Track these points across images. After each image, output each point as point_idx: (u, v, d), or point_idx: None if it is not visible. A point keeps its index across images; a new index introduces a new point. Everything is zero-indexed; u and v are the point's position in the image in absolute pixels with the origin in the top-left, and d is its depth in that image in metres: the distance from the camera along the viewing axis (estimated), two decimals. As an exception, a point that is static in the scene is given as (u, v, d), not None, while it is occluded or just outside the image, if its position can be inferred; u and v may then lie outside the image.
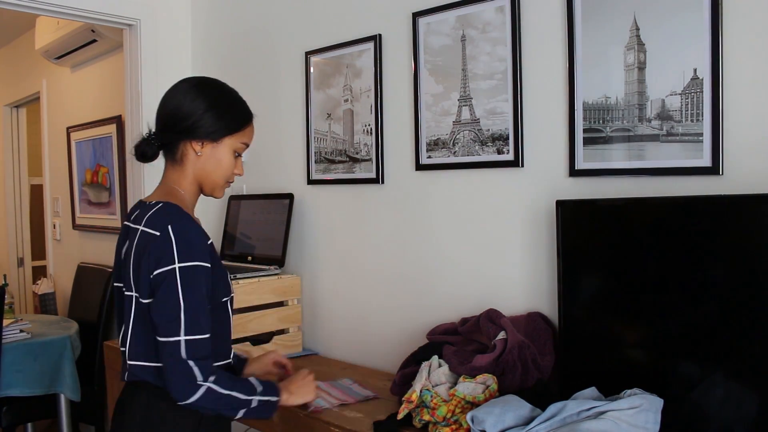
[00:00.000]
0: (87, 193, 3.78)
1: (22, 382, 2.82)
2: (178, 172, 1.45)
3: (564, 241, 1.61)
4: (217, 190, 1.49)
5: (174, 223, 1.33)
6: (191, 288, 1.30)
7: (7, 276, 4.58)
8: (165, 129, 1.44)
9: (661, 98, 1.55)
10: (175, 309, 1.29)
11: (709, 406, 1.37)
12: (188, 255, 1.31)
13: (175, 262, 1.29)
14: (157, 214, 1.36)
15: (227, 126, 1.43)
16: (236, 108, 1.48)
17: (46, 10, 2.65)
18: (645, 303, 1.48)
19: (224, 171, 1.46)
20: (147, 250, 1.32)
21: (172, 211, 1.37)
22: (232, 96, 1.49)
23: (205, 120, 1.41)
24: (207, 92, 1.44)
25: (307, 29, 2.46)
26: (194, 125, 1.40)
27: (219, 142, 1.43)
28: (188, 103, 1.42)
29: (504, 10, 1.83)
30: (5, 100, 4.87)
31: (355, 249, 2.32)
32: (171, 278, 1.29)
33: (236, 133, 1.45)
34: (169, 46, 2.95)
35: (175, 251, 1.30)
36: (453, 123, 1.98)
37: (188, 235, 1.33)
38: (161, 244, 1.31)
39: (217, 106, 1.43)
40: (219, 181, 1.47)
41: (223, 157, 1.45)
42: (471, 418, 1.39)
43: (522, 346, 1.59)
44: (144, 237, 1.35)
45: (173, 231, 1.31)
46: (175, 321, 1.28)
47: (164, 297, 1.29)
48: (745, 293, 1.34)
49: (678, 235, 1.44)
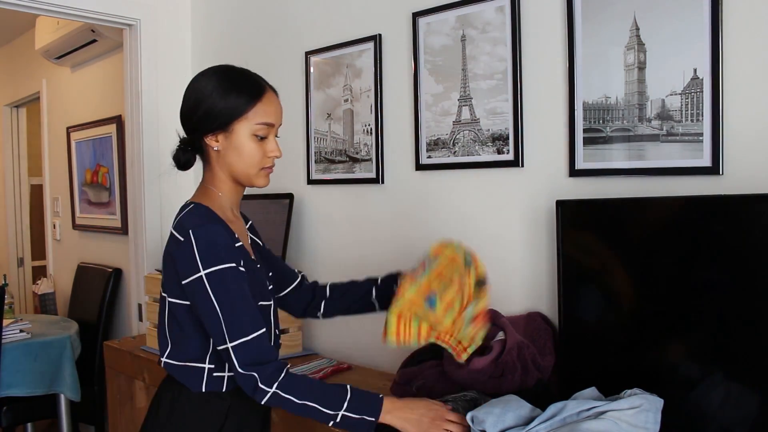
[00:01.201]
0: (87, 193, 3.78)
1: (22, 382, 2.82)
2: (209, 171, 1.38)
3: (564, 241, 1.61)
4: (253, 179, 1.36)
5: (196, 227, 1.26)
6: (223, 291, 1.24)
7: (7, 276, 4.57)
8: (184, 129, 1.37)
9: (661, 98, 1.55)
10: (214, 317, 1.24)
11: (709, 406, 1.37)
12: (212, 260, 1.24)
13: (200, 270, 1.23)
14: (184, 217, 1.31)
15: (233, 110, 1.30)
16: (239, 85, 1.33)
17: (46, 10, 2.65)
18: (645, 303, 1.48)
19: (249, 159, 1.33)
20: (173, 255, 1.29)
21: (197, 214, 1.30)
22: (235, 75, 1.35)
23: (209, 108, 1.30)
24: (209, 77, 1.33)
25: (307, 29, 2.46)
26: (202, 119, 1.31)
27: (229, 130, 1.31)
28: (187, 101, 1.34)
29: (504, 10, 1.84)
30: (5, 100, 4.87)
31: (355, 249, 2.32)
32: (200, 286, 1.24)
33: (243, 115, 1.31)
34: (169, 46, 2.95)
35: (197, 258, 1.24)
36: (453, 123, 1.98)
37: (210, 238, 1.25)
38: (184, 250, 1.25)
39: (219, 88, 1.31)
40: (249, 170, 1.34)
41: (242, 145, 1.32)
42: (471, 418, 1.39)
43: (521, 347, 1.59)
44: (171, 240, 1.30)
45: (194, 236, 1.25)
46: (218, 329, 1.24)
47: (202, 306, 1.25)
48: (745, 293, 1.34)
49: (678, 235, 1.44)
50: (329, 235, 2.41)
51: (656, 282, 1.47)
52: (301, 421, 1.72)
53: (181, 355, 1.35)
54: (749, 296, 1.33)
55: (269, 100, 1.36)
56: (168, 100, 2.90)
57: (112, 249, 3.54)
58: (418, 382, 1.69)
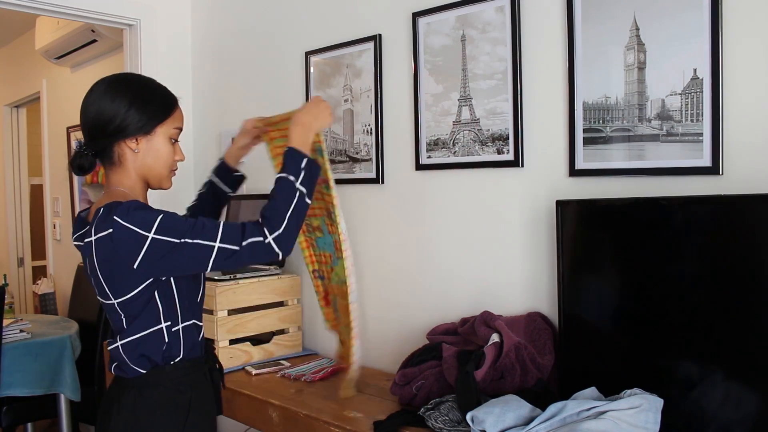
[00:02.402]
0: (87, 193, 3.78)
1: (22, 382, 2.82)
2: (119, 173, 1.43)
3: (564, 241, 1.61)
4: (163, 181, 1.47)
5: (117, 212, 1.30)
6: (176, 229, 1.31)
7: (7, 276, 4.57)
8: (94, 136, 1.40)
9: (661, 98, 1.55)
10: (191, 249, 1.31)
11: (709, 406, 1.37)
12: (148, 219, 1.30)
13: (147, 236, 1.28)
14: (101, 218, 1.33)
15: (155, 115, 1.41)
16: (158, 95, 1.46)
17: (46, 10, 2.65)
18: (645, 303, 1.48)
19: (165, 160, 1.45)
20: (111, 249, 1.31)
21: (113, 206, 1.33)
22: (151, 85, 1.47)
23: (131, 116, 1.38)
24: (123, 89, 1.41)
25: (307, 29, 2.46)
26: (122, 124, 1.38)
27: (152, 133, 1.42)
28: (108, 105, 1.39)
29: (504, 10, 1.84)
30: (5, 100, 4.87)
31: (354, 249, 2.31)
32: (160, 244, 1.29)
33: (166, 119, 1.44)
34: (169, 46, 2.95)
35: (137, 230, 1.28)
36: (453, 123, 1.98)
37: (133, 210, 1.30)
38: (121, 235, 1.29)
39: (138, 99, 1.40)
40: (163, 171, 1.46)
41: (161, 147, 1.43)
42: (471, 418, 1.39)
43: (519, 347, 1.59)
44: (100, 244, 1.32)
45: (121, 218, 1.29)
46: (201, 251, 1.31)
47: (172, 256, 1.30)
48: (745, 293, 1.34)
49: (678, 235, 1.44)
50: (329, 235, 2.40)
51: (656, 282, 1.47)
52: (301, 421, 1.73)
53: (135, 330, 1.38)
54: (749, 296, 1.33)
55: (180, 108, 1.50)
56: (168, 100, 2.90)
57: (112, 249, 3.53)
58: (417, 382, 1.69)
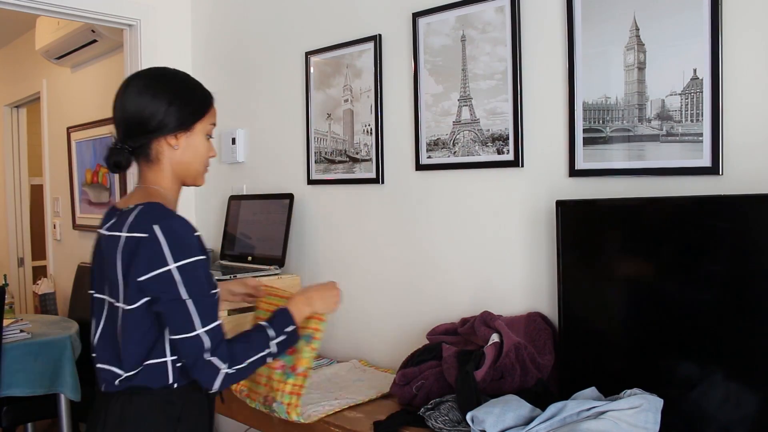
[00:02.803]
0: (87, 193, 3.78)
1: (22, 382, 2.82)
2: (156, 171, 1.42)
3: (564, 241, 1.61)
4: (199, 177, 1.48)
5: (160, 221, 1.28)
6: (194, 282, 1.28)
7: (7, 276, 4.57)
8: (133, 133, 1.39)
9: (661, 98, 1.55)
10: (182, 307, 1.26)
11: (709, 406, 1.37)
12: (182, 252, 1.27)
13: (168, 263, 1.26)
14: (140, 217, 1.31)
15: (196, 112, 1.43)
16: (198, 92, 1.47)
17: (46, 10, 2.65)
18: (645, 303, 1.48)
19: (203, 157, 1.46)
20: (136, 253, 1.28)
21: (156, 210, 1.32)
22: (189, 81, 1.48)
23: (172, 113, 1.38)
24: (163, 85, 1.41)
25: (307, 29, 2.46)
26: (163, 122, 1.38)
27: (192, 129, 1.42)
28: (149, 102, 1.38)
29: (504, 10, 1.84)
30: (5, 100, 4.87)
31: (355, 249, 2.32)
32: (168, 279, 1.26)
33: (205, 115, 1.45)
34: (169, 46, 2.95)
35: (166, 252, 1.26)
36: (453, 123, 1.98)
37: (177, 232, 1.29)
38: (150, 246, 1.27)
39: (179, 96, 1.41)
40: (200, 168, 1.47)
41: (199, 143, 1.44)
42: (471, 418, 1.39)
43: (518, 348, 1.59)
44: (130, 243, 1.30)
45: (161, 230, 1.27)
46: (186, 317, 1.26)
47: (168, 298, 1.27)
48: (745, 293, 1.34)
49: (678, 235, 1.44)
50: (329, 235, 2.41)
51: (656, 282, 1.47)
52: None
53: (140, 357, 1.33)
54: (749, 296, 1.34)
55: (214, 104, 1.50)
56: (168, 100, 2.90)
57: (112, 249, 3.53)
58: (417, 382, 1.69)
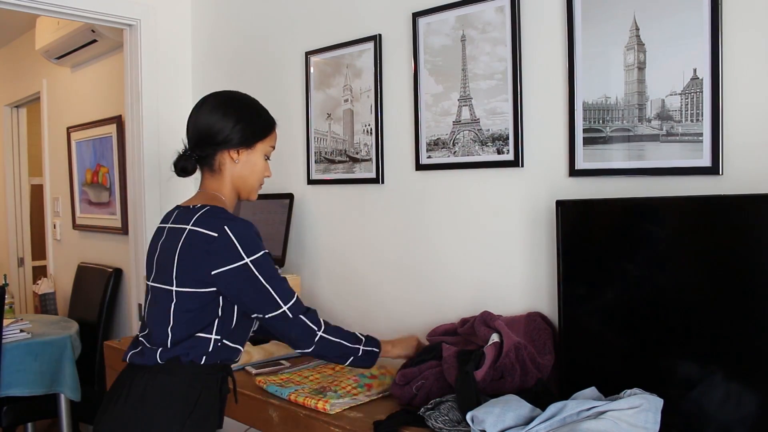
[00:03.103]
0: (87, 193, 3.78)
1: (23, 382, 2.82)
2: (218, 180, 1.60)
3: (564, 241, 1.61)
4: (253, 193, 1.65)
5: (230, 223, 1.47)
6: (269, 271, 1.48)
7: (7, 276, 4.58)
8: (201, 144, 1.57)
9: (661, 98, 1.55)
10: (266, 293, 1.48)
11: (709, 406, 1.38)
12: (254, 248, 1.47)
13: (243, 258, 1.45)
14: (207, 216, 1.49)
15: (258, 133, 1.60)
16: (262, 116, 1.64)
17: (46, 10, 2.65)
18: (645, 303, 1.48)
19: (259, 174, 1.63)
20: (204, 249, 1.45)
21: (224, 214, 1.51)
22: (256, 105, 1.66)
23: (237, 131, 1.56)
24: (233, 107, 1.59)
25: (307, 29, 2.46)
26: (228, 137, 1.56)
27: (253, 148, 1.59)
28: (219, 120, 1.56)
29: (504, 10, 1.84)
30: (5, 100, 4.87)
31: (355, 249, 2.32)
32: (246, 272, 1.45)
33: (266, 138, 1.62)
34: (169, 46, 2.95)
35: (240, 249, 1.45)
36: (453, 123, 1.98)
37: (246, 230, 1.47)
38: (222, 243, 1.45)
39: (246, 117, 1.59)
40: (255, 184, 1.64)
41: (257, 161, 1.61)
42: (471, 418, 1.39)
43: (518, 348, 1.59)
44: (195, 236, 1.47)
45: (232, 231, 1.45)
46: (271, 301, 1.48)
47: (252, 287, 1.47)
48: (745, 293, 1.34)
49: (678, 235, 1.44)
50: (329, 235, 2.41)
51: (656, 282, 1.47)
52: (301, 421, 1.73)
53: (187, 331, 1.48)
54: (749, 296, 1.34)
55: (276, 130, 1.67)
56: (168, 100, 2.91)
57: (112, 249, 3.54)
58: (417, 382, 1.69)
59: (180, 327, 1.49)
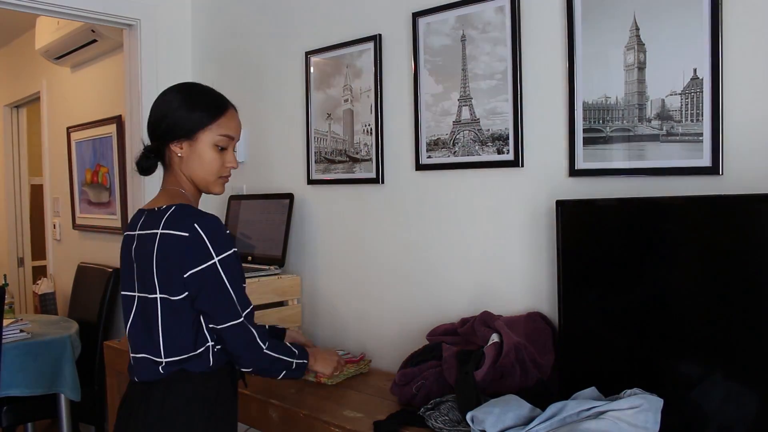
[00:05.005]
0: (87, 193, 3.78)
1: (22, 382, 2.82)
2: (172, 175, 1.51)
3: (564, 241, 1.61)
4: (210, 186, 1.52)
5: (199, 220, 1.39)
6: (232, 273, 1.40)
7: (7, 276, 4.57)
8: (151, 137, 1.50)
9: (661, 98, 1.55)
10: (228, 298, 1.39)
11: (708, 406, 1.38)
12: (222, 246, 1.39)
13: (213, 257, 1.37)
14: (176, 216, 1.41)
15: (198, 121, 1.46)
16: (205, 101, 1.49)
17: (46, 10, 2.65)
18: (645, 303, 1.48)
19: (209, 167, 1.48)
20: (179, 250, 1.38)
21: (191, 211, 1.43)
22: (202, 90, 1.52)
23: (176, 119, 1.45)
24: (175, 93, 1.49)
25: (307, 29, 2.46)
26: (168, 127, 1.45)
27: (194, 138, 1.46)
28: (154, 112, 1.48)
29: (504, 10, 1.84)
30: (5, 100, 4.87)
31: (355, 249, 2.32)
32: (214, 272, 1.37)
33: (209, 126, 1.47)
34: (169, 46, 2.95)
35: (210, 247, 1.37)
36: (453, 123, 1.98)
37: (214, 228, 1.40)
38: (192, 243, 1.37)
39: (185, 102, 1.46)
40: (208, 177, 1.50)
41: (204, 153, 1.47)
42: (471, 418, 1.39)
43: (518, 348, 1.58)
44: (169, 239, 1.39)
45: (201, 228, 1.37)
46: (231, 307, 1.40)
47: (214, 290, 1.38)
48: (745, 293, 1.34)
49: (678, 235, 1.44)
50: (329, 235, 2.41)
51: (656, 282, 1.47)
52: (301, 421, 1.73)
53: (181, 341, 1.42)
54: (749, 296, 1.33)
55: (231, 116, 1.52)
56: (168, 100, 2.90)
57: (112, 249, 3.53)
58: (417, 382, 1.69)
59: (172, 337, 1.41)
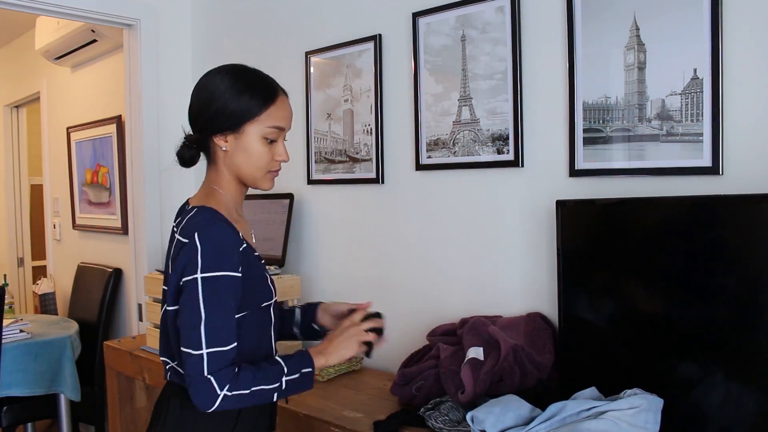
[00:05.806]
0: (87, 193, 3.78)
1: (22, 382, 2.82)
2: (214, 171, 1.36)
3: (564, 241, 1.61)
4: (258, 182, 1.36)
5: (201, 230, 1.23)
6: (213, 299, 1.21)
7: (7, 276, 4.57)
8: (192, 128, 1.35)
9: (661, 98, 1.55)
10: (196, 320, 1.20)
11: (708, 406, 1.38)
12: (213, 265, 1.21)
13: (197, 272, 1.21)
14: (189, 221, 1.28)
15: (245, 112, 1.29)
16: (253, 89, 1.31)
17: (46, 10, 2.65)
18: (645, 303, 1.48)
19: (257, 161, 1.33)
20: (177, 257, 1.26)
21: (203, 217, 1.27)
22: (249, 76, 1.33)
23: (222, 107, 1.29)
24: (220, 79, 1.31)
25: (307, 29, 2.46)
26: (212, 118, 1.30)
27: (240, 131, 1.30)
28: (196, 101, 1.33)
29: (504, 10, 1.84)
30: (5, 100, 4.87)
31: (355, 249, 2.32)
32: (193, 288, 1.21)
33: (257, 117, 1.30)
34: (169, 46, 2.95)
35: (199, 260, 1.21)
36: (453, 123, 1.98)
37: (216, 243, 1.23)
38: (188, 252, 1.23)
39: (231, 92, 1.29)
40: (256, 173, 1.34)
41: (251, 147, 1.31)
42: (471, 418, 1.39)
43: (516, 350, 1.58)
44: (177, 244, 1.28)
45: (199, 238, 1.22)
46: (195, 332, 1.20)
47: (185, 307, 1.22)
48: (745, 293, 1.34)
49: (678, 235, 1.44)
50: (329, 235, 2.41)
51: (656, 282, 1.47)
52: (301, 421, 1.73)
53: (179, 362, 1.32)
54: (749, 296, 1.33)
55: (282, 104, 1.35)
56: (168, 100, 2.91)
57: (112, 249, 3.54)
58: (417, 382, 1.69)
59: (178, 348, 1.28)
